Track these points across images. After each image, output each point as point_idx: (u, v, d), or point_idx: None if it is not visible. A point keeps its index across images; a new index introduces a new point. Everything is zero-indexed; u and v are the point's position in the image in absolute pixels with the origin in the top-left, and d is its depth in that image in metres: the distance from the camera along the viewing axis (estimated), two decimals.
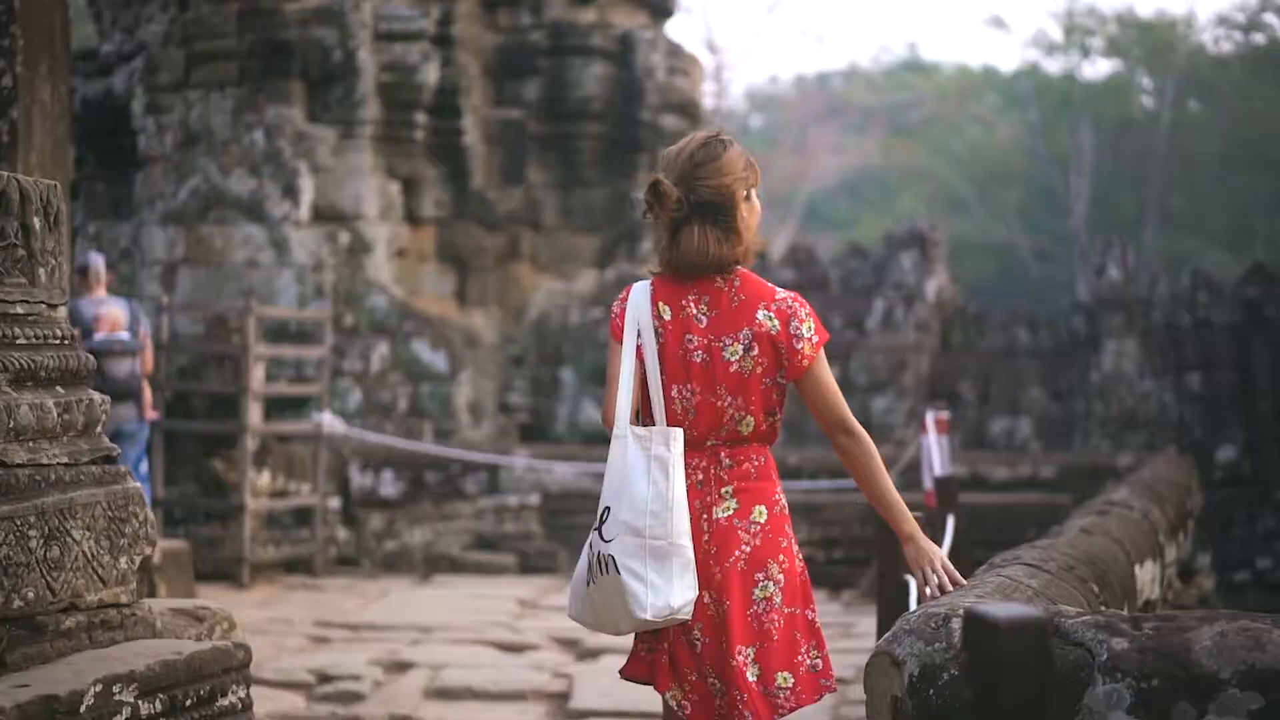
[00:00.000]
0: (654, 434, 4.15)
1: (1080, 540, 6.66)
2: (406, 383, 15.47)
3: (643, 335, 4.20)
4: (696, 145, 4.19)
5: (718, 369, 4.16)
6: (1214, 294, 16.19)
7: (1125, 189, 38.45)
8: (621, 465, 4.18)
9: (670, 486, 4.10)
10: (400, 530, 13.92)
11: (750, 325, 4.16)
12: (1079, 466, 13.34)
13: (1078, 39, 41.17)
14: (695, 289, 4.19)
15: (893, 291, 16.63)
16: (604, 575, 4.11)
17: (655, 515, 4.09)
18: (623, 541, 4.09)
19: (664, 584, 4.05)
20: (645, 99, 16.93)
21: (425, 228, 16.59)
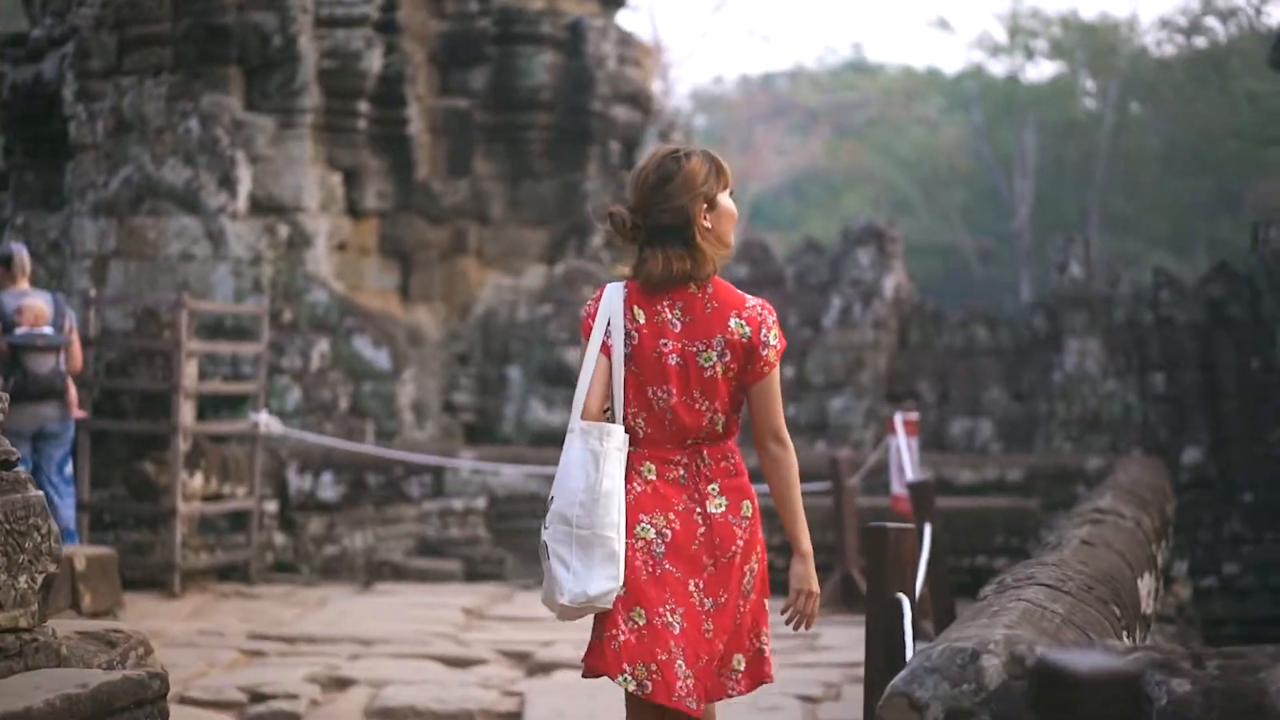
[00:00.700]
0: (593, 429, 4.32)
1: (1086, 555, 6.04)
2: (347, 381, 14.76)
3: (612, 336, 4.32)
4: (652, 169, 4.34)
5: (693, 373, 4.31)
6: (1177, 292, 15.63)
7: (1068, 190, 38.38)
8: (566, 458, 4.37)
9: (600, 479, 4.26)
10: (341, 535, 13.22)
11: (724, 332, 4.30)
12: (1046, 470, 12.72)
13: (1021, 41, 41.07)
14: (670, 295, 4.32)
15: (850, 289, 15.99)
16: (546, 561, 4.31)
17: (583, 505, 4.25)
18: (555, 529, 4.29)
19: (585, 572, 4.21)
20: (596, 89, 16.31)
21: (368, 220, 15.93)
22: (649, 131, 16.76)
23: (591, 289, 16.08)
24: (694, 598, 4.29)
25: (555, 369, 15.72)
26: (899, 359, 16.17)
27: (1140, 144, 37.85)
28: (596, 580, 4.21)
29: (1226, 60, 37.82)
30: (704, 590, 4.31)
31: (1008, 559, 11.75)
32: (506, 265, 16.43)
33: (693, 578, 4.30)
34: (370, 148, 15.68)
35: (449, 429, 15.63)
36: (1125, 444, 14.97)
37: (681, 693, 4.25)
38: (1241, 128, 35.59)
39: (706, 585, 4.31)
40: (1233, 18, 39.87)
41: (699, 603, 4.30)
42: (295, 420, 14.14)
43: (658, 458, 4.38)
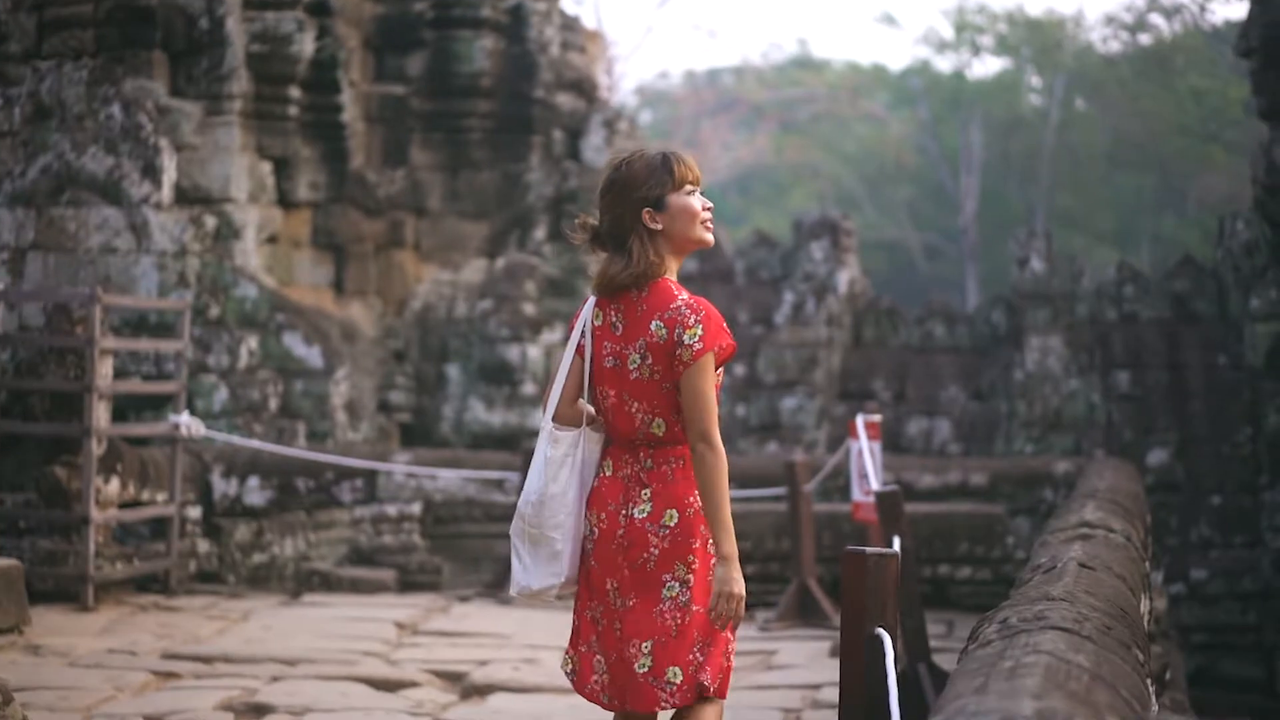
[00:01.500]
0: (548, 432, 4.50)
1: (1090, 582, 5.29)
2: (277, 380, 13.88)
3: (585, 337, 4.48)
4: (603, 174, 4.51)
5: (624, 375, 4.42)
6: (1140, 288, 14.92)
7: (1014, 187, 38.34)
8: (533, 455, 4.58)
9: (547, 482, 4.44)
10: (269, 542, 12.36)
11: (644, 335, 4.38)
12: (1012, 473, 11.94)
13: (968, 37, 40.85)
14: (617, 299, 4.45)
15: (803, 284, 15.19)
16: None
17: (533, 505, 4.44)
18: (515, 523, 4.54)
19: (533, 566, 4.44)
20: (538, 75, 15.52)
21: (299, 212, 15.06)
22: (594, 120, 15.97)
23: (533, 283, 15.28)
24: (610, 596, 4.43)
25: (496, 367, 14.90)
26: (853, 357, 15.40)
27: (1086, 140, 37.62)
28: (540, 576, 4.44)
29: (1171, 57, 37.77)
30: (619, 591, 4.42)
31: (972, 568, 11.01)
32: (445, 259, 15.63)
33: (609, 577, 4.43)
34: (302, 136, 14.85)
35: (385, 430, 14.80)
36: (1088, 445, 14.26)
37: (595, 687, 4.50)
38: (1186, 124, 35.60)
39: (622, 586, 4.41)
40: (1177, 15, 39.93)
41: (614, 602, 4.43)
42: (222, 421, 13.27)
43: (616, 456, 4.50)
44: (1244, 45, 14.57)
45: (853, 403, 14.98)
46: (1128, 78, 37.55)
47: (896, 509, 7.57)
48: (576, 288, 15.59)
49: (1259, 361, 13.99)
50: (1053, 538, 6.80)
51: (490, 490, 12.33)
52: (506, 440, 14.61)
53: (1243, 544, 13.69)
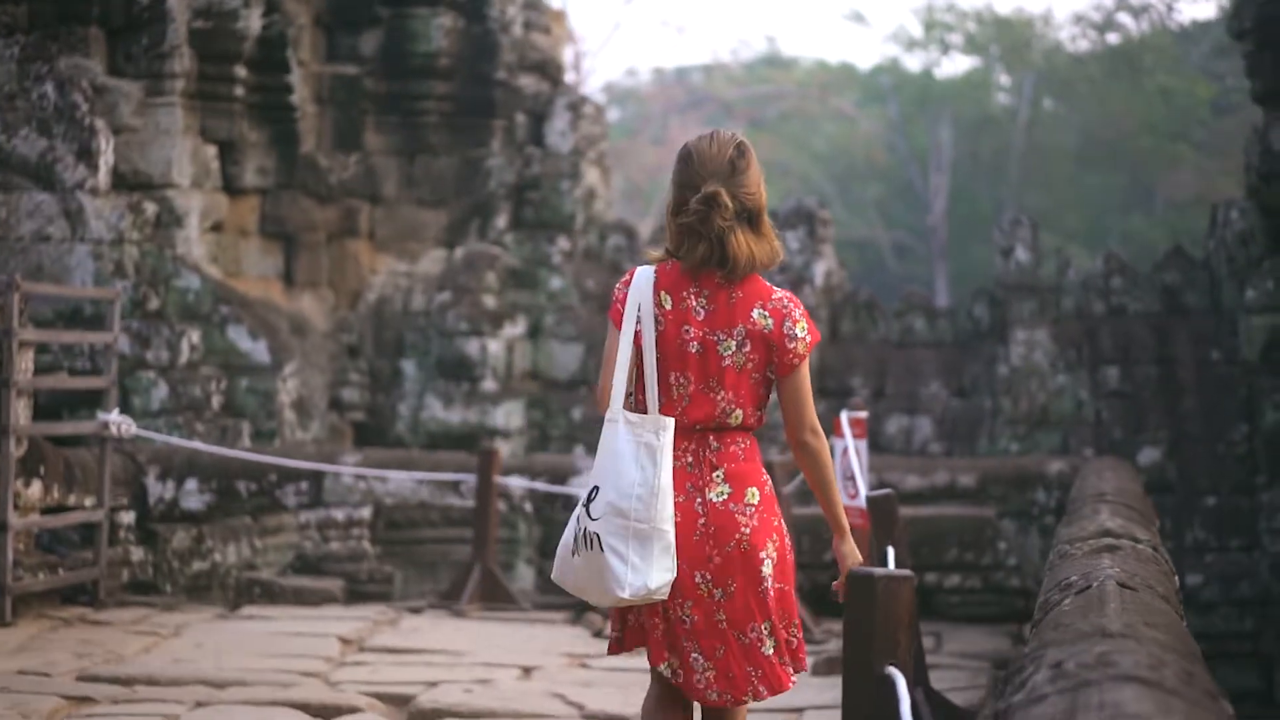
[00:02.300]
0: (645, 421, 4.26)
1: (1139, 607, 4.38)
2: (221, 376, 12.90)
3: (643, 322, 4.28)
4: (733, 149, 4.28)
5: (711, 363, 4.26)
6: (1129, 280, 13.98)
7: (983, 185, 37.89)
8: (612, 448, 4.27)
9: (658, 474, 4.20)
10: (210, 549, 11.36)
11: (745, 323, 4.26)
12: (1002, 474, 10.98)
13: (937, 35, 40.40)
14: (697, 282, 4.29)
15: (778, 275, 14.18)
16: (589, 550, 4.25)
17: (641, 500, 4.20)
18: (608, 521, 4.23)
19: (644, 565, 4.18)
20: (500, 56, 14.61)
21: (246, 198, 14.11)
22: (558, 103, 15.02)
23: (494, 274, 14.31)
24: (701, 589, 4.26)
25: (454, 363, 13.93)
26: (830, 352, 14.43)
27: (1054, 139, 37.20)
28: (656, 573, 4.20)
29: (1139, 56, 37.58)
30: (711, 581, 4.26)
31: (961, 575, 10.09)
32: (401, 249, 14.69)
33: (697, 570, 4.26)
34: (249, 118, 13.92)
35: (337, 429, 13.82)
36: (1077, 443, 13.32)
37: (700, 686, 4.30)
38: (1154, 123, 35.42)
39: (714, 576, 4.26)
40: (1145, 14, 39.87)
41: (707, 594, 4.26)
42: (161, 420, 12.31)
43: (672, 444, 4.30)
44: (1237, 26, 13.67)
45: (830, 400, 14.00)
46: (1096, 77, 37.22)
47: (890, 515, 6.62)
48: (539, 279, 14.63)
49: (1254, 356, 13.08)
50: (1074, 549, 5.86)
51: (445, 493, 11.34)
52: (465, 440, 13.64)
53: (1239, 548, 12.77)
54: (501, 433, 13.94)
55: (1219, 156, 35.69)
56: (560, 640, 9.58)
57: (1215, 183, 35.12)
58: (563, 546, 4.39)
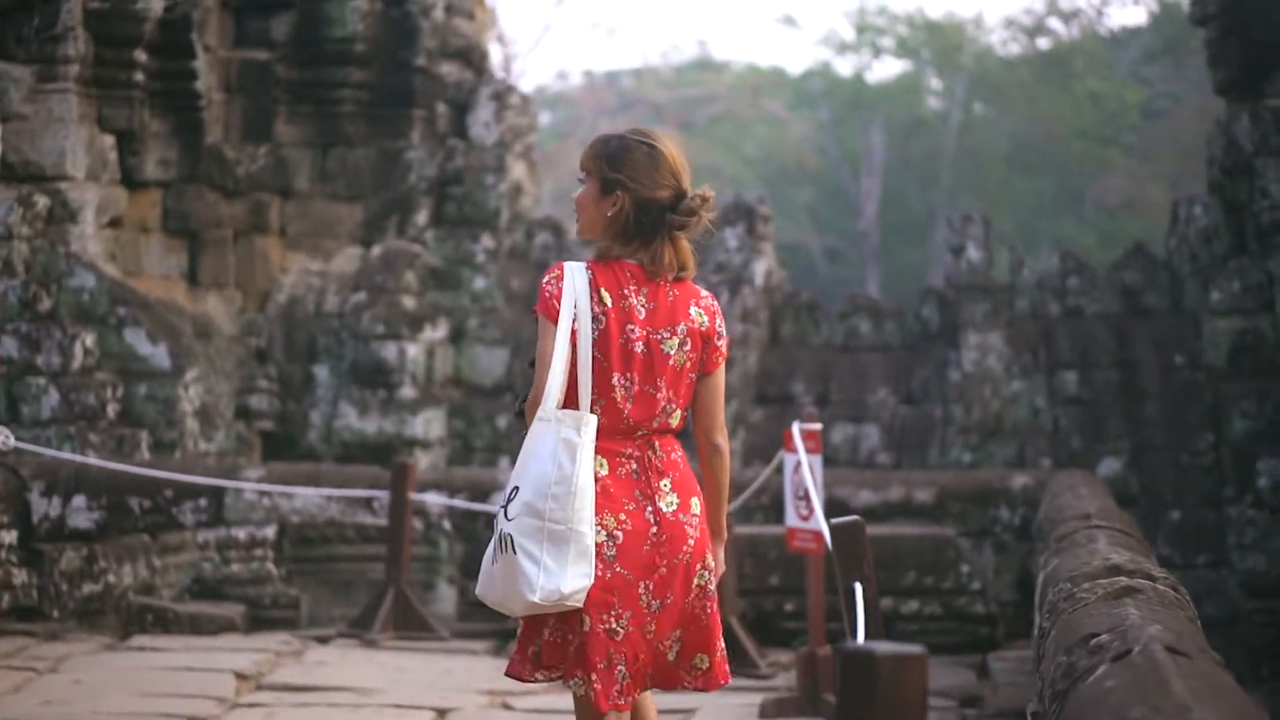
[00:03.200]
0: (565, 417, 4.13)
1: (1208, 685, 3.30)
2: (117, 383, 11.74)
3: (579, 320, 4.17)
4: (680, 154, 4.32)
5: (656, 361, 4.19)
6: (1087, 280, 13.01)
7: (915, 189, 37.57)
8: (534, 448, 4.13)
9: (576, 472, 4.07)
10: (103, 570, 10.18)
11: (685, 320, 4.24)
12: (962, 489, 9.93)
13: (868, 39, 39.97)
14: (635, 280, 4.23)
15: (715, 275, 13.13)
16: (503, 554, 4.10)
17: (556, 499, 4.05)
18: (521, 522, 4.08)
19: (557, 568, 4.03)
20: (420, 42, 13.55)
21: (147, 192, 12.95)
22: (482, 93, 13.94)
23: (414, 274, 13.21)
24: (642, 600, 4.17)
25: (370, 368, 12.81)
26: (771, 356, 13.39)
27: (986, 143, 36.84)
28: (571, 577, 4.04)
29: (1070, 60, 37.62)
30: (652, 592, 4.17)
31: (920, 601, 9.07)
32: (314, 246, 13.55)
33: (643, 580, 4.17)
34: (150, 107, 12.74)
35: (244, 439, 12.68)
36: (1033, 453, 12.33)
37: (615, 696, 4.14)
38: (1084, 128, 35.21)
39: (655, 587, 4.17)
40: (1075, 19, 39.95)
41: (646, 605, 4.17)
42: (52, 430, 11.17)
43: (609, 450, 4.21)
44: (1199, 12, 12.76)
45: (770, 406, 12.99)
46: (1027, 81, 37.04)
47: (858, 545, 5.55)
48: (462, 278, 13.53)
49: (1220, 361, 12.15)
50: (1082, 590, 4.83)
51: (357, 510, 10.22)
52: (382, 451, 12.53)
53: (1206, 564, 11.81)
54: (421, 443, 12.84)
55: (1148, 161, 35.68)
56: (481, 674, 8.53)
57: (1145, 187, 35.00)
58: (486, 559, 4.21)
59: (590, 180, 4.30)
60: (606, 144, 4.31)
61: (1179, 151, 34.82)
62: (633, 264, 4.23)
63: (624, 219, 4.24)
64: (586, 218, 4.32)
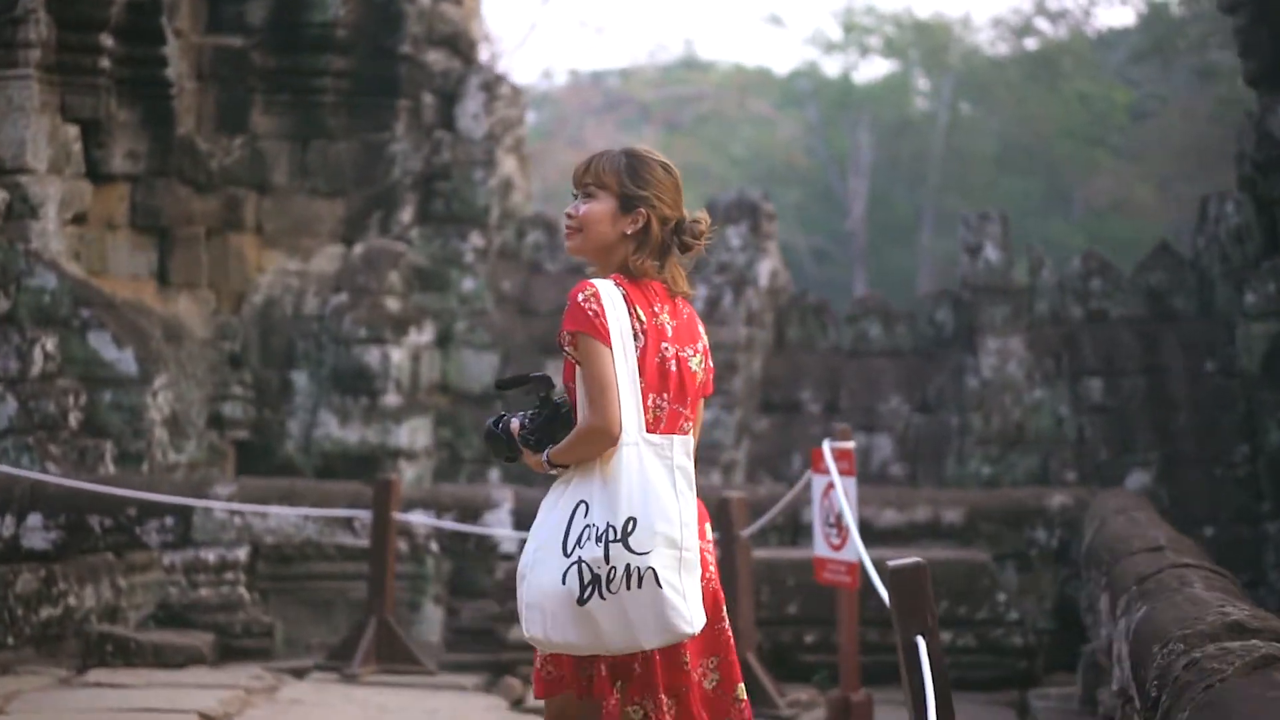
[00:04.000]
0: (674, 443, 4.03)
1: None
2: (81, 390, 10.80)
3: (624, 339, 4.02)
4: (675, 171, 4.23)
5: (686, 380, 4.11)
6: (1110, 281, 12.09)
7: (902, 189, 36.97)
8: (640, 474, 3.97)
9: (693, 498, 4.03)
10: (63, 592, 9.24)
11: (701, 338, 4.20)
12: (993, 508, 8.98)
13: (856, 38, 39.45)
14: (658, 297, 4.12)
15: (717, 275, 12.18)
16: (637, 589, 3.88)
17: (687, 527, 3.97)
18: (662, 554, 3.92)
19: (694, 595, 3.95)
20: (405, 28, 12.67)
21: (114, 186, 12.04)
22: (471, 82, 13.02)
23: (398, 274, 12.27)
24: None
25: (352, 374, 11.87)
26: (776, 361, 12.44)
27: (973, 143, 36.15)
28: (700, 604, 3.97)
29: (1057, 60, 36.96)
30: None
31: (953, 632, 8.16)
32: (292, 244, 12.66)
33: None
34: (118, 95, 11.84)
35: (217, 450, 11.73)
36: (1057, 465, 11.39)
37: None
38: (1072, 128, 34.62)
39: None
40: (1062, 19, 39.56)
41: None
42: (9, 441, 10.28)
43: None
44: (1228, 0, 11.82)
45: (776, 415, 12.06)
46: (1015, 81, 36.37)
47: (921, 591, 4.62)
48: (449, 279, 12.60)
49: (1254, 367, 11.23)
50: (1210, 658, 3.92)
51: (336, 530, 9.27)
52: (364, 462, 11.59)
53: (1243, 583, 10.85)
54: (406, 453, 11.88)
55: (1136, 162, 35.18)
56: (470, 715, 7.61)
57: (1133, 188, 34.43)
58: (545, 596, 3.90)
59: (604, 196, 4.09)
60: (622, 160, 4.13)
61: (1167, 152, 34.42)
62: (657, 282, 4.09)
63: (648, 237, 4.09)
64: (596, 234, 4.10)
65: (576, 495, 3.97)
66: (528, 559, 3.97)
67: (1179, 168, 33.70)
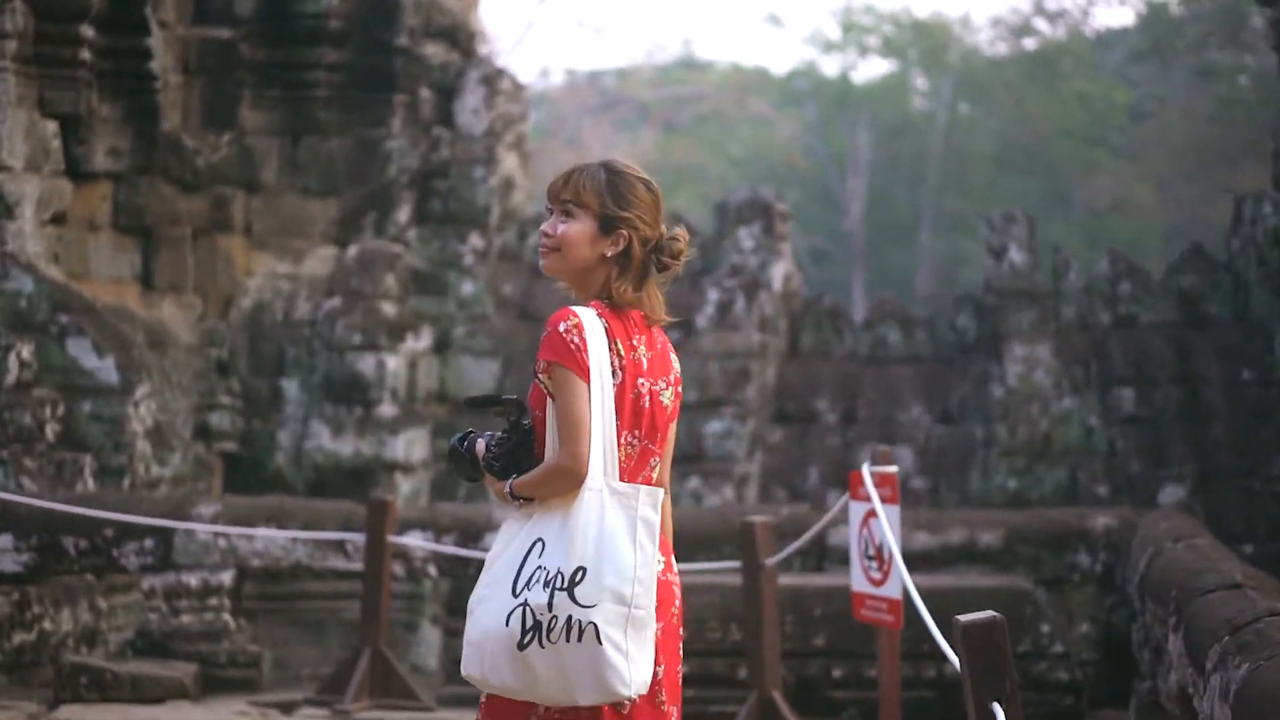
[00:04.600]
0: (640, 494, 3.77)
1: None
2: (59, 400, 10.13)
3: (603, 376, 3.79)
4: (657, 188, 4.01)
5: (658, 415, 3.89)
6: (1140, 285, 11.40)
7: (901, 190, 36.59)
8: (598, 522, 3.74)
9: (653, 552, 3.76)
10: (37, 616, 8.58)
11: (673, 369, 3.99)
12: (1033, 530, 8.26)
13: (854, 38, 39.16)
14: (636, 328, 3.88)
15: (729, 279, 11.48)
16: (576, 642, 3.67)
17: (642, 583, 3.72)
18: (606, 609, 3.68)
19: (640, 656, 3.71)
20: (401, 19, 12.15)
21: (96, 185, 11.47)
22: (470, 76, 12.37)
23: (394, 277, 11.59)
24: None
25: (345, 382, 11.19)
26: (790, 369, 11.74)
27: (972, 143, 35.77)
28: (647, 664, 3.70)
29: (1057, 60, 36.59)
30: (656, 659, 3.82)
31: None
32: (282, 246, 12.11)
33: None
34: (99, 89, 11.24)
35: (203, 462, 11.08)
36: (1087, 479, 10.70)
37: None
38: (1071, 128, 34.26)
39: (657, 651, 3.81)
40: (1061, 19, 39.30)
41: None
42: None
43: None
44: None
45: (791, 426, 11.36)
46: (1014, 81, 35.94)
47: (997, 653, 3.93)
48: (447, 282, 11.94)
49: None
50: None
51: (328, 553, 8.57)
52: (358, 475, 10.91)
53: None
54: (402, 466, 11.21)
55: (1136, 162, 34.87)
56: None
57: (1132, 188, 34.04)
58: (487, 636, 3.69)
59: (584, 215, 3.84)
60: (603, 177, 3.86)
61: (1166, 152, 34.07)
62: (636, 311, 3.85)
63: (630, 261, 3.84)
64: (575, 256, 3.83)
65: (535, 532, 3.74)
66: (478, 593, 3.75)
67: (1178, 168, 33.39)
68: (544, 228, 3.89)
